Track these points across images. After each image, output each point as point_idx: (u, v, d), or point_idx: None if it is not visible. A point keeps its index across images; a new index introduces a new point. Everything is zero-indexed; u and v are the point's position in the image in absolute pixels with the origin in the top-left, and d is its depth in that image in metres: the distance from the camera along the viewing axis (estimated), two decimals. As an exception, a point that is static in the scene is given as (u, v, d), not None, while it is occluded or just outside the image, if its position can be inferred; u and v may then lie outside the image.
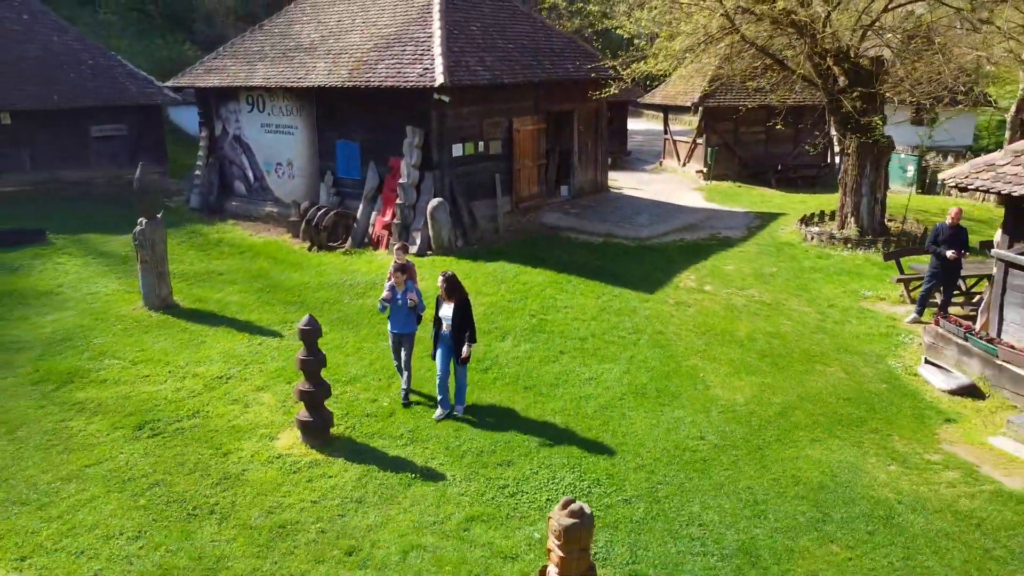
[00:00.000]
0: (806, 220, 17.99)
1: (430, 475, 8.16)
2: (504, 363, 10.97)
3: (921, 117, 27.19)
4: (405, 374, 9.77)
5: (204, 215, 20.81)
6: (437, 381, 9.31)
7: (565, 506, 5.75)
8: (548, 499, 7.63)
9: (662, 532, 7.14)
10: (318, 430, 8.83)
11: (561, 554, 5.68)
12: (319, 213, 17.80)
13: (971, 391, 9.54)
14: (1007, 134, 23.03)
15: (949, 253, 10.85)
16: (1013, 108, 21.52)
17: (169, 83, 21.75)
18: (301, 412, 8.88)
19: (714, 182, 25.04)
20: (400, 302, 9.37)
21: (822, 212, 18.42)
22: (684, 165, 27.30)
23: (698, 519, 7.32)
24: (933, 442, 8.61)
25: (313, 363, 8.69)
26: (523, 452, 8.59)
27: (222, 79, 19.77)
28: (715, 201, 22.31)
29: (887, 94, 16.33)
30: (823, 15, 15.01)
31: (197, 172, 21.36)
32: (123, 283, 15.21)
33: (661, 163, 28.92)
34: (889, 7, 15.14)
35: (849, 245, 16.33)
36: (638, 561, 6.77)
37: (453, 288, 9.10)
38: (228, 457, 8.64)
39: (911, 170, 22.67)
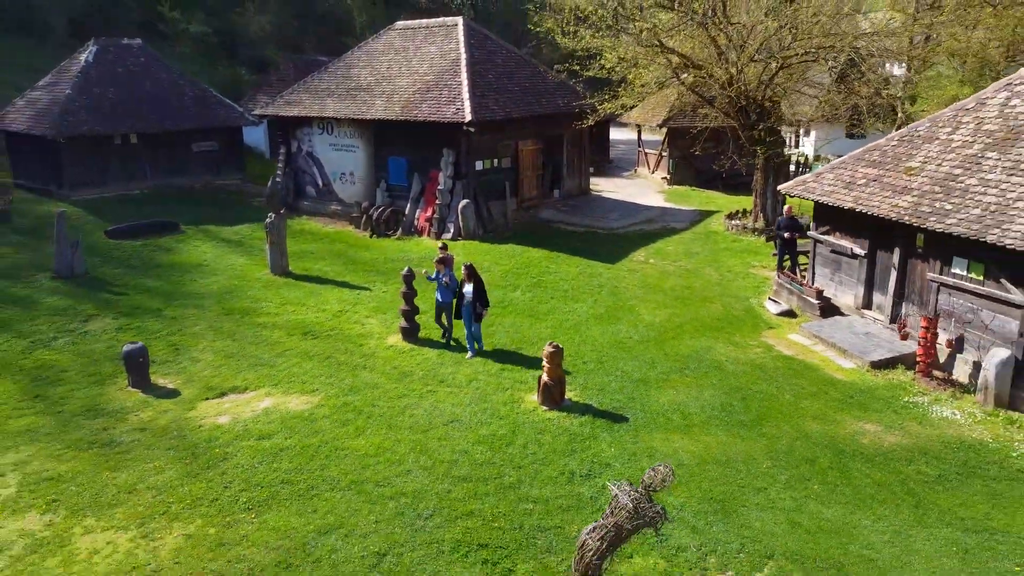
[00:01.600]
0: (731, 215, 24.68)
1: (478, 353, 14.83)
2: (516, 303, 17.68)
3: (853, 132, 34.05)
4: (448, 326, 15.94)
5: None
6: (466, 333, 15.45)
7: (550, 344, 12.53)
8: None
9: (601, 374, 13.82)
10: (412, 333, 15.52)
11: (547, 366, 12.45)
12: (377, 210, 24.48)
13: (790, 313, 16.26)
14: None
15: (785, 235, 17.60)
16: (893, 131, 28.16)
17: (256, 112, 28.42)
18: (402, 323, 15.56)
19: (675, 186, 31.78)
20: (441, 281, 15.66)
21: (744, 210, 25.14)
22: (653, 172, 34.03)
23: (620, 369, 14.00)
24: (757, 337, 15.35)
25: (410, 294, 15.37)
26: (529, 344, 15.26)
27: (300, 111, 26.41)
28: (672, 201, 29.05)
29: (782, 127, 23.00)
30: (735, 73, 21.71)
31: (278, 179, 28.00)
32: (248, 258, 21.88)
33: (636, 170, 35.66)
34: (780, 68, 21.79)
35: (756, 233, 23.03)
36: (587, 385, 13.42)
37: (472, 274, 14.83)
38: (362, 347, 15.31)
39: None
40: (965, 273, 12.75)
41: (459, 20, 26.03)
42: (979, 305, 12.54)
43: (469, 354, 14.83)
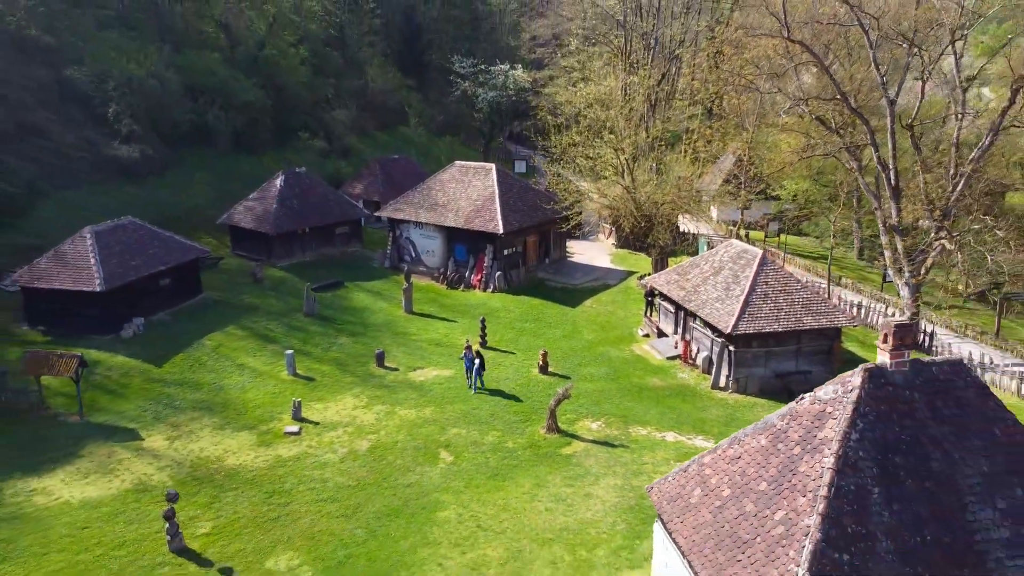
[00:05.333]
0: (640, 277, 45.49)
1: (505, 353, 35.67)
2: (526, 330, 38.59)
3: (743, 207, 55.00)
4: (471, 381, 36.42)
5: (391, 271, 48.17)
6: (480, 382, 35.86)
7: (541, 349, 33.94)
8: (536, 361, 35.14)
9: (563, 362, 34.67)
10: (484, 345, 36.38)
11: (540, 358, 33.57)
12: (450, 273, 45.35)
13: (647, 335, 37.16)
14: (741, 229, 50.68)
15: (648, 298, 38.34)
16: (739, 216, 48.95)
17: (376, 213, 49.22)
18: (480, 340, 36.43)
19: (619, 250, 52.67)
20: (467, 358, 35.98)
21: (649, 273, 45.94)
22: (607, 238, 54.97)
23: (570, 360, 34.86)
24: (629, 347, 36.27)
25: (483, 326, 36.21)
26: (533, 350, 36.08)
27: (403, 216, 47.17)
28: (615, 263, 49.97)
29: (662, 236, 43.93)
30: (639, 205, 42.55)
31: (388, 251, 48.78)
32: (388, 303, 42.61)
33: (597, 236, 56.59)
34: (661, 206, 42.50)
35: (651, 289, 43.88)
36: (556, 366, 34.23)
37: (479, 354, 35.40)
38: (460, 348, 36.17)
39: (705, 247, 50.24)
40: (701, 322, 33.66)
41: (493, 166, 46.91)
42: (703, 336, 33.49)
43: (473, 391, 34.85)
